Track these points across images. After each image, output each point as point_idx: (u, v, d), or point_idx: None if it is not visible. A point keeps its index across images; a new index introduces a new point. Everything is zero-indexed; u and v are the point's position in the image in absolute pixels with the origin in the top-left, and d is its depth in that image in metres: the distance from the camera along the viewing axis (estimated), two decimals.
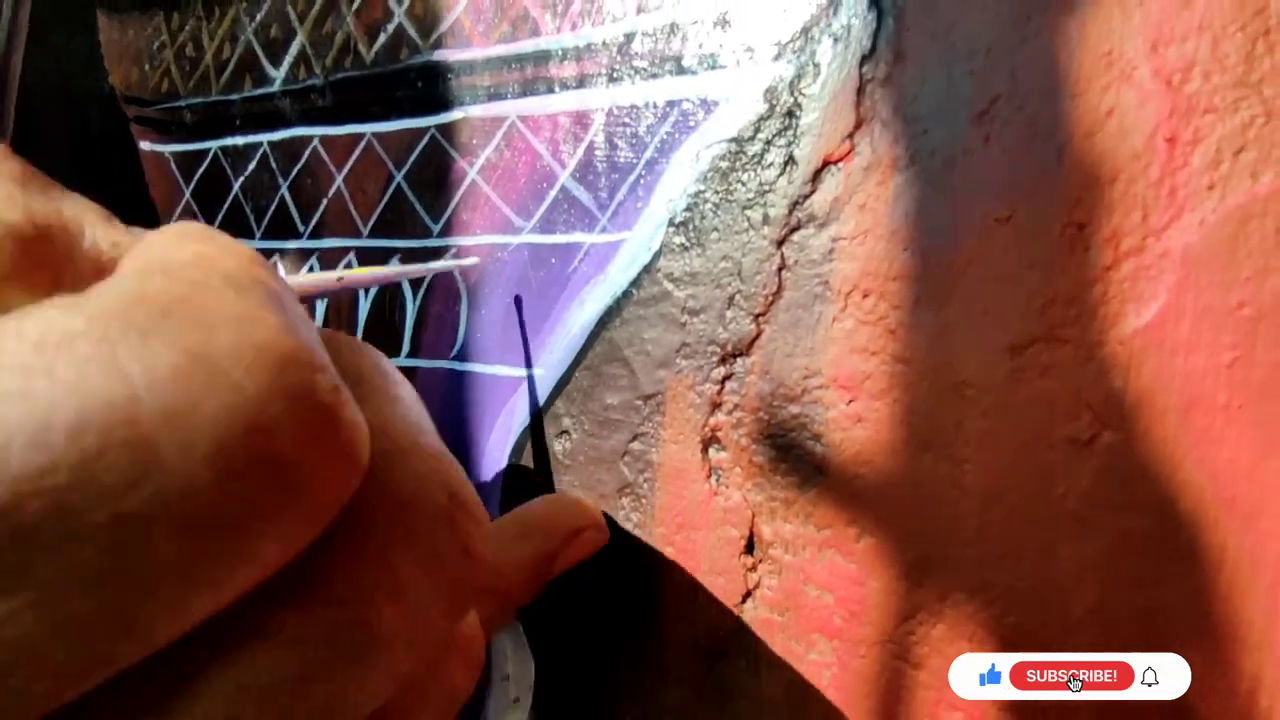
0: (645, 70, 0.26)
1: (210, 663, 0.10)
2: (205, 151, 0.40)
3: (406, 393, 0.14)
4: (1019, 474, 0.19)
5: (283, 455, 0.09)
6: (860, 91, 0.22)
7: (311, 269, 0.34)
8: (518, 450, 0.27)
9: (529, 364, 0.28)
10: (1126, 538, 0.18)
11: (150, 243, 0.12)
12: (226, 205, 0.39)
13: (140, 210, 0.43)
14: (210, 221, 0.39)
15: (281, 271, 0.35)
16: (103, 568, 0.09)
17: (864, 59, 0.22)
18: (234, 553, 0.09)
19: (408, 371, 0.31)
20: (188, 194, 0.41)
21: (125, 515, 0.09)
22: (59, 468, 0.08)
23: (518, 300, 0.28)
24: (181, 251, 0.11)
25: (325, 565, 0.10)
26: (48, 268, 0.16)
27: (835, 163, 0.23)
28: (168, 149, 0.42)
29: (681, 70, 0.25)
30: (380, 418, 0.12)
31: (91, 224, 0.16)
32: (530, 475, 0.27)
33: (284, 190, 0.36)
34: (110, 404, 0.09)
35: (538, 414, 0.27)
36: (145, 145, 0.43)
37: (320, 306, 0.34)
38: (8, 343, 0.09)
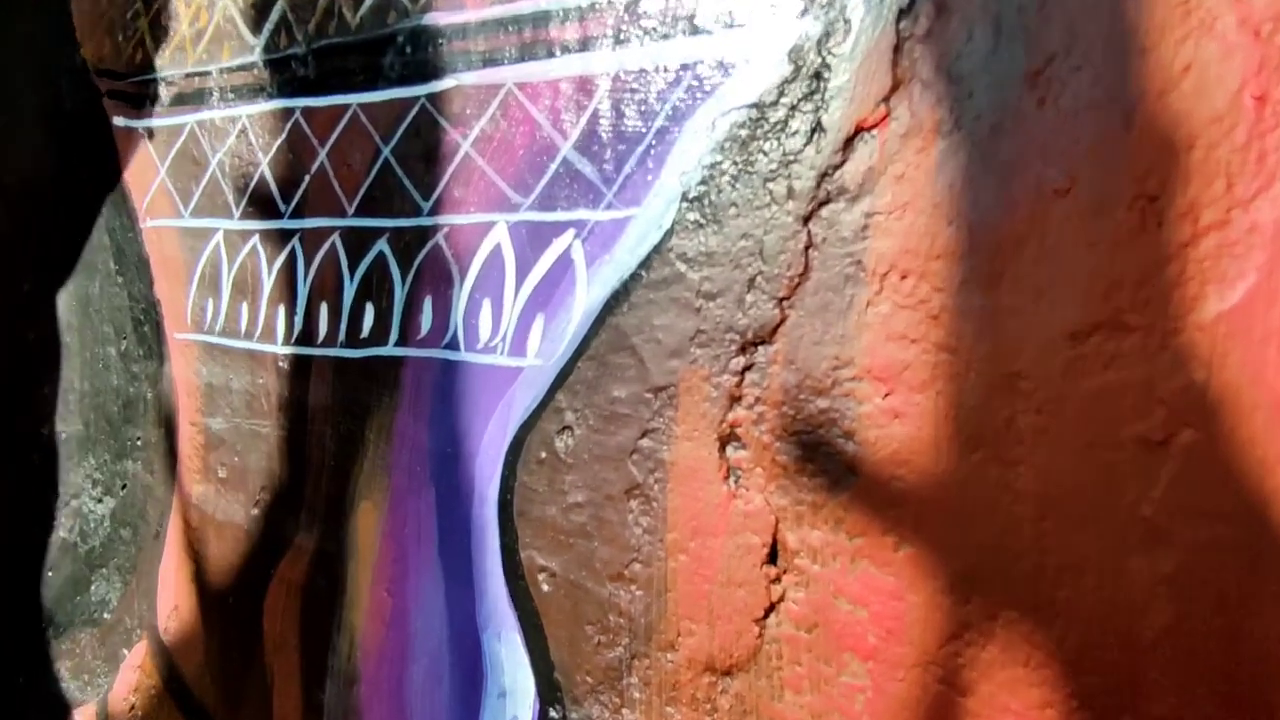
0: (655, 30, 0.24)
1: None
2: (181, 126, 0.37)
3: None
4: (1081, 477, 0.17)
5: None
6: (897, 50, 0.20)
7: (294, 251, 0.32)
8: (516, 445, 0.25)
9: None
10: (1207, 550, 0.16)
11: None
12: (204, 182, 0.36)
13: (117, 185, 0.40)
14: (186, 201, 0.37)
15: (262, 259, 0.33)
16: None
17: (901, 13, 0.20)
18: None
19: (396, 362, 0.28)
20: (162, 172, 0.38)
21: None
22: None
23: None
24: None
25: None
26: None
27: (869, 129, 0.20)
28: (142, 124, 0.39)
29: (696, 30, 0.23)
30: None
31: None
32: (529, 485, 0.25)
33: (264, 166, 0.34)
34: None
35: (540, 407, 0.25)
36: (119, 120, 0.41)
37: (303, 288, 0.32)
38: None
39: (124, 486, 0.38)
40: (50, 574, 0.42)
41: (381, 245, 0.29)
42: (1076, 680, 0.17)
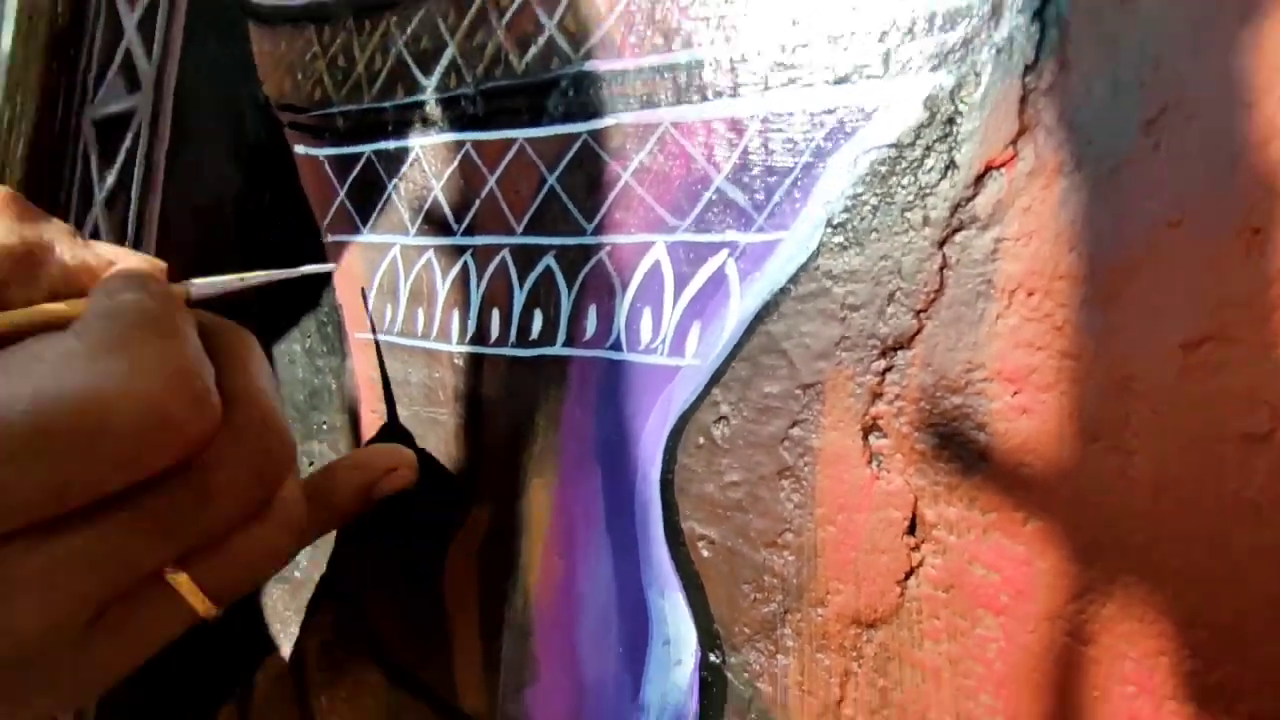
0: (800, 80, 0.27)
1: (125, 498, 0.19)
2: (359, 155, 0.43)
3: (256, 365, 0.25)
4: (1191, 465, 0.20)
5: (175, 417, 0.20)
6: (1023, 100, 0.24)
7: (466, 264, 0.37)
8: (675, 433, 0.30)
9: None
10: None
11: (108, 290, 0.22)
12: (381, 203, 0.42)
13: (297, 207, 0.46)
14: (364, 219, 0.42)
15: (436, 271, 0.38)
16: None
17: (1027, 69, 0.24)
18: (149, 457, 0.19)
19: (563, 361, 0.33)
20: (342, 194, 0.44)
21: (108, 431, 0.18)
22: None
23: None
24: (130, 299, 0.21)
25: (195, 462, 0.21)
26: (33, 274, 0.25)
27: (998, 168, 0.24)
28: (321, 152, 0.45)
29: (839, 80, 0.27)
30: (233, 383, 0.23)
31: (61, 242, 0.26)
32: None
33: (437, 191, 0.39)
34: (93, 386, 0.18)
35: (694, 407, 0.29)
36: (300, 149, 0.47)
37: (476, 297, 0.36)
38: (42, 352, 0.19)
39: (311, 464, 0.44)
40: None
41: (548, 260, 0.34)
42: (1187, 633, 0.20)
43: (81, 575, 0.19)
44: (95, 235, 0.63)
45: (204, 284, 0.29)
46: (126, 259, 0.28)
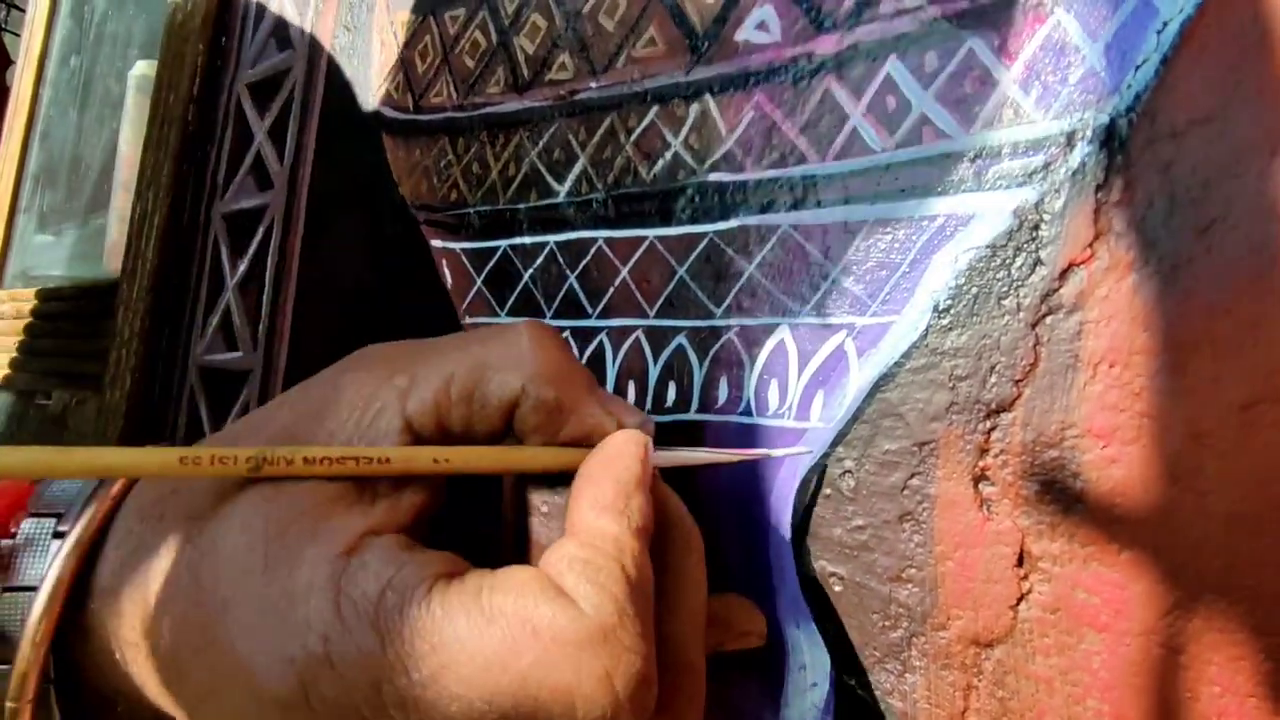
0: (906, 192, 0.34)
1: None
2: (495, 249, 0.50)
3: (697, 600, 0.28)
4: (1256, 502, 0.25)
5: None
6: (1096, 211, 0.30)
7: (601, 343, 0.43)
8: (803, 486, 0.35)
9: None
10: None
11: (601, 532, 0.24)
12: (517, 291, 0.48)
13: (434, 294, 0.53)
14: (501, 304, 0.49)
15: (573, 348, 0.44)
16: None
17: (1098, 187, 0.30)
18: None
19: (697, 425, 0.39)
20: (479, 282, 0.51)
21: None
22: None
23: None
24: (621, 566, 0.23)
25: None
26: (555, 427, 0.29)
27: (1079, 265, 0.30)
28: (459, 246, 0.52)
29: (940, 193, 0.33)
30: (673, 634, 0.26)
31: (584, 401, 0.29)
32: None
33: (572, 280, 0.45)
34: (571, 686, 0.20)
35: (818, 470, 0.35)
36: (437, 243, 0.54)
37: (611, 371, 0.42)
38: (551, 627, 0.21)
39: None
40: None
41: (681, 339, 0.40)
42: (1262, 641, 0.25)
43: None
44: (227, 316, 0.71)
45: (665, 458, 0.30)
46: (625, 415, 0.29)
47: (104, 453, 0.22)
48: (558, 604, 0.21)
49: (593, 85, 0.45)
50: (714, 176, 0.40)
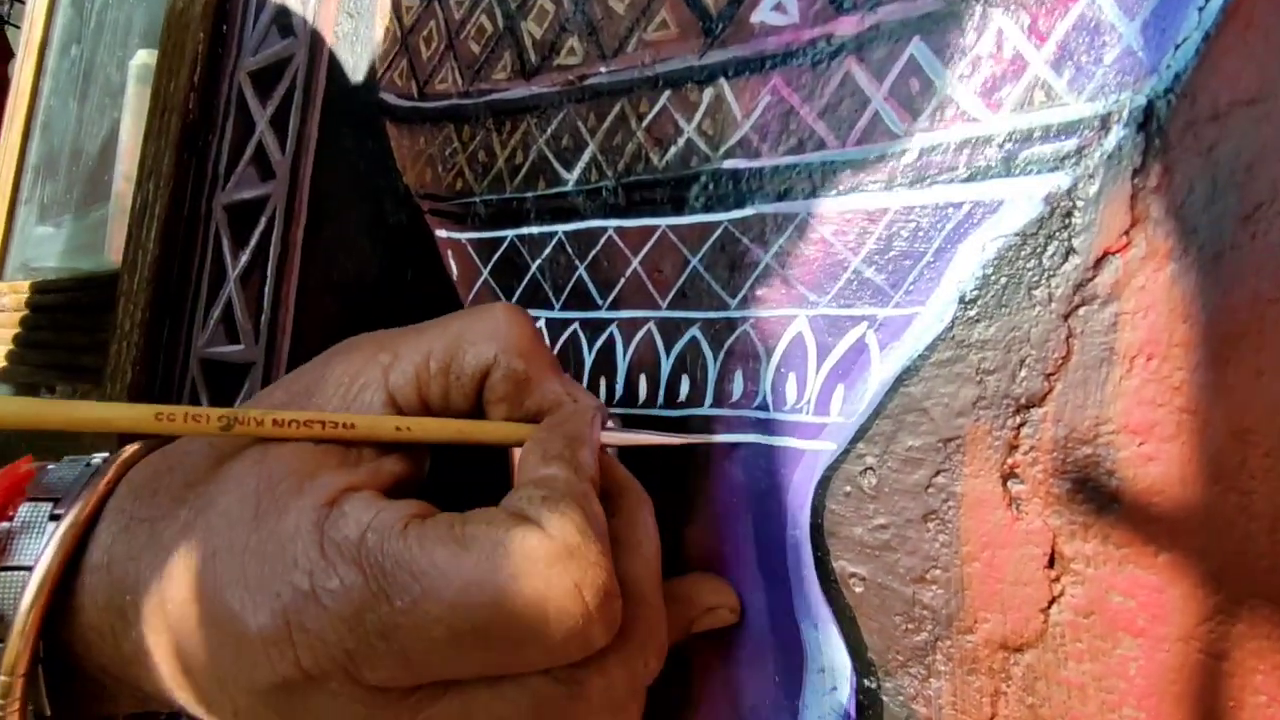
0: (928, 179, 0.32)
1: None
2: (502, 239, 0.49)
3: (651, 549, 0.29)
4: None
5: (595, 640, 0.23)
6: (1133, 198, 0.28)
7: (612, 335, 0.42)
8: (823, 483, 0.34)
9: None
10: None
11: (562, 475, 0.26)
12: (525, 282, 0.47)
13: (438, 285, 0.52)
14: (509, 295, 0.48)
15: (583, 341, 0.43)
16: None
17: (1135, 172, 0.28)
18: (560, 659, 0.23)
19: (712, 420, 0.38)
20: (485, 273, 0.49)
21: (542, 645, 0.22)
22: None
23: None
24: (576, 505, 0.24)
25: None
26: (521, 399, 0.30)
27: (1114, 253, 0.28)
28: (464, 236, 0.51)
29: (967, 179, 0.32)
30: (630, 574, 0.27)
31: (548, 377, 0.31)
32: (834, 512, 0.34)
33: (581, 271, 0.44)
34: (542, 596, 0.22)
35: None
36: (442, 233, 0.53)
37: (623, 364, 0.41)
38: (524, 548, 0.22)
39: None
40: None
41: (694, 331, 0.39)
42: None
43: None
44: (229, 309, 0.70)
45: (613, 438, 0.32)
46: (583, 396, 0.31)
47: (82, 405, 0.24)
48: (526, 527, 0.23)
49: (602, 70, 0.44)
50: (729, 163, 0.39)
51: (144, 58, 0.96)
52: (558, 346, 0.44)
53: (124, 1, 1.07)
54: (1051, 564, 0.28)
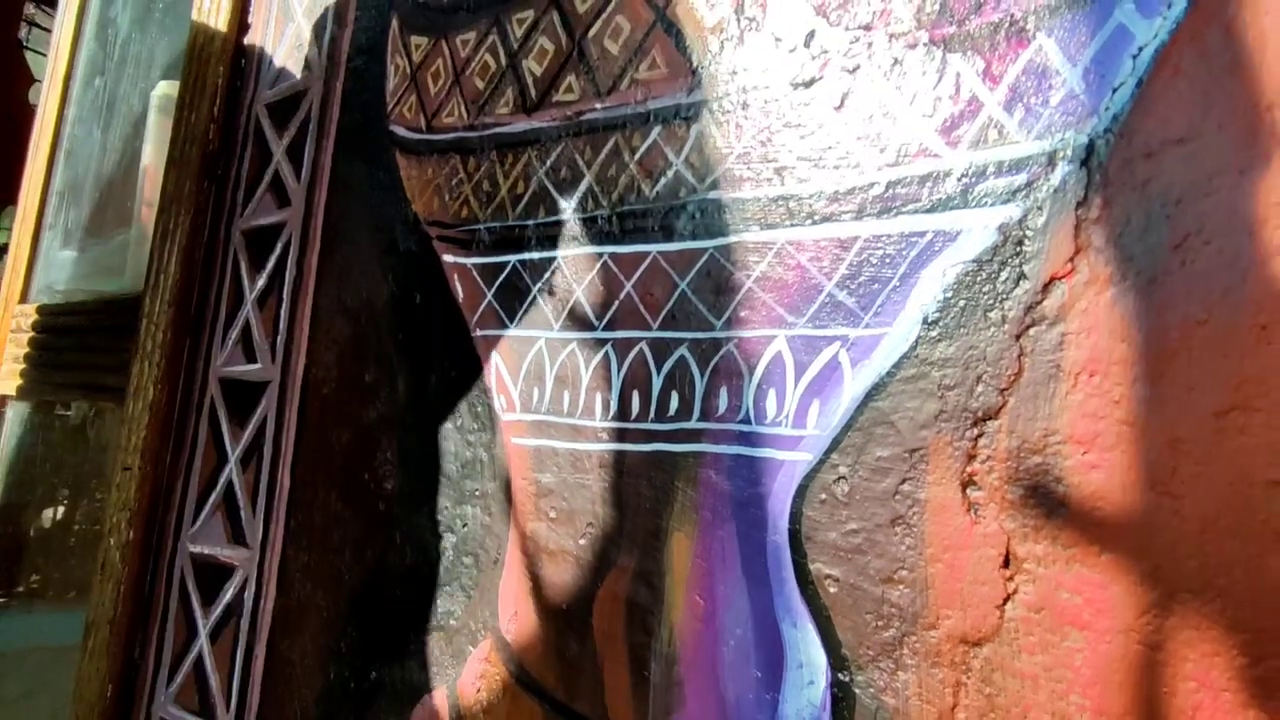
0: (894, 210, 0.35)
1: None
2: (505, 263, 0.52)
3: None
4: (1228, 505, 0.26)
5: None
6: (1077, 228, 0.31)
7: (607, 354, 0.45)
8: (800, 491, 0.36)
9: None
10: None
11: None
12: (526, 302, 0.50)
13: (446, 307, 0.55)
14: (511, 317, 0.51)
15: (580, 360, 0.46)
16: None
17: (1078, 204, 0.31)
18: None
19: (699, 432, 0.40)
20: (490, 296, 0.52)
21: None
22: None
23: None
24: None
25: None
26: None
27: (1060, 279, 0.31)
28: (470, 261, 0.54)
29: (928, 210, 0.34)
30: None
31: None
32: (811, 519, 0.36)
33: (579, 293, 0.47)
34: None
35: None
36: (448, 258, 0.56)
37: (617, 381, 0.44)
38: None
39: (464, 525, 0.51)
40: (399, 594, 0.55)
41: (683, 350, 0.41)
42: (1235, 637, 0.26)
43: None
44: (247, 329, 0.73)
45: None
46: None
47: None
48: None
49: (598, 106, 0.47)
50: (715, 194, 0.41)
51: (165, 89, 1.00)
52: (556, 365, 0.47)
53: (146, 35, 1.11)
54: (1006, 564, 0.31)
